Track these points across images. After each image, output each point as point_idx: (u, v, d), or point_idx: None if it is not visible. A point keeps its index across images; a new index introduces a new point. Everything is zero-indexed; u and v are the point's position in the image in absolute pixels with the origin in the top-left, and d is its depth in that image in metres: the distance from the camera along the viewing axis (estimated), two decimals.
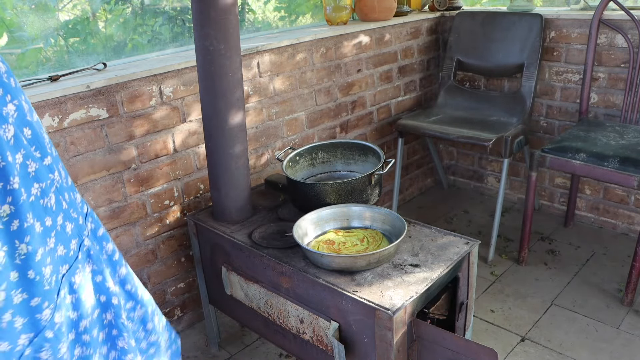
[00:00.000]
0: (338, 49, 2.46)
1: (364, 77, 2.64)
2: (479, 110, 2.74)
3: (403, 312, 1.30)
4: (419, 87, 2.99)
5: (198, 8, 1.53)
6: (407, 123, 2.63)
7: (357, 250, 1.50)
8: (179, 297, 2.11)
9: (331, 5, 2.53)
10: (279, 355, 1.99)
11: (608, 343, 1.95)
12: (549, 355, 1.92)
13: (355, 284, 1.39)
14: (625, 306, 2.14)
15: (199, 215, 1.84)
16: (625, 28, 2.37)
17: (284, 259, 1.53)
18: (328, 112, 2.51)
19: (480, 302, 2.21)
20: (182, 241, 2.06)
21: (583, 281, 2.32)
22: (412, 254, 1.51)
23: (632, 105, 2.39)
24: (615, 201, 2.67)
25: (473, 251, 1.53)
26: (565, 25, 2.58)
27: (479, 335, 2.02)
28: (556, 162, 2.21)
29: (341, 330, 1.41)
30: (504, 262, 2.49)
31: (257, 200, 1.90)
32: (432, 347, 1.35)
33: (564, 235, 2.69)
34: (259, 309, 1.65)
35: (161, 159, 1.92)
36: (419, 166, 3.19)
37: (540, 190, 2.92)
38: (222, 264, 1.74)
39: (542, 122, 2.80)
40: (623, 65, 2.45)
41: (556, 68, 2.66)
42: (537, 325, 2.07)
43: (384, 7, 2.61)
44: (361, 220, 1.63)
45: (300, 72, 2.32)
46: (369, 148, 1.86)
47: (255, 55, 2.12)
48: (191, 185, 2.04)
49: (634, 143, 2.16)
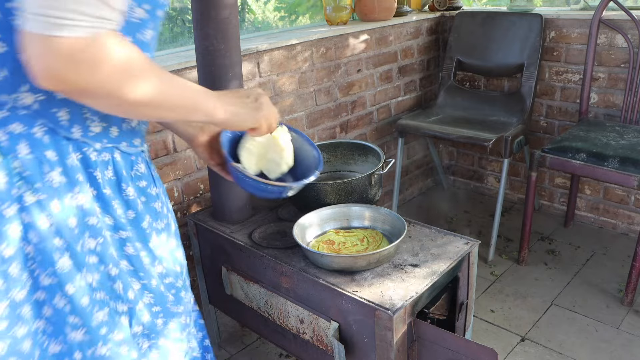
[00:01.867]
0: (338, 49, 2.46)
1: (364, 77, 2.64)
2: (479, 110, 2.74)
3: (403, 312, 1.30)
4: (419, 87, 2.99)
5: (198, 8, 1.53)
6: (407, 123, 2.63)
7: (357, 250, 1.50)
8: None
9: (331, 5, 2.53)
10: (279, 355, 1.99)
11: (608, 343, 1.95)
12: (549, 355, 1.92)
13: (355, 284, 1.39)
14: (625, 306, 2.14)
15: (199, 215, 1.84)
16: (625, 28, 2.37)
17: (284, 259, 1.53)
18: (328, 112, 2.51)
19: (480, 302, 2.21)
20: (182, 241, 2.06)
21: (583, 281, 2.32)
22: (412, 254, 1.51)
23: (632, 105, 2.39)
24: (615, 201, 2.67)
25: (473, 251, 1.53)
26: (565, 25, 2.58)
27: (479, 335, 2.02)
28: (556, 162, 2.21)
29: (341, 330, 1.41)
30: (504, 262, 2.48)
31: (257, 201, 1.90)
32: (432, 347, 1.35)
33: (564, 235, 2.69)
34: (259, 309, 1.65)
35: (161, 159, 1.92)
36: (419, 166, 3.19)
37: (540, 190, 2.92)
38: (222, 264, 1.74)
39: (542, 122, 2.80)
40: (623, 65, 2.45)
41: (556, 68, 2.66)
42: (537, 325, 2.07)
43: (384, 7, 2.61)
44: (361, 220, 1.63)
45: (300, 72, 2.32)
46: (369, 148, 1.86)
47: (255, 55, 2.12)
48: (191, 185, 2.04)
49: (634, 143, 2.16)
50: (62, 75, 0.64)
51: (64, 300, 0.81)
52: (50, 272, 0.79)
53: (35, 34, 0.62)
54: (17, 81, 0.74)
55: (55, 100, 0.76)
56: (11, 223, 0.75)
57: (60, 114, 0.77)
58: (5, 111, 0.74)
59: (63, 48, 0.62)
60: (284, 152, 1.10)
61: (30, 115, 0.75)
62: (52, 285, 0.80)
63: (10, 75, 0.73)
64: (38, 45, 0.63)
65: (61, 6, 0.61)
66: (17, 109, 0.75)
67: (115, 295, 0.87)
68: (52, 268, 0.79)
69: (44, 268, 0.79)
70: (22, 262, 0.77)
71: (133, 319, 0.91)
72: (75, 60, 0.64)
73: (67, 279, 0.80)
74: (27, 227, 0.76)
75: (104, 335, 0.86)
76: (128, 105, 0.72)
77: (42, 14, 0.61)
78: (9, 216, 0.75)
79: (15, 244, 0.76)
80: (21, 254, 0.77)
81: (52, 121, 0.77)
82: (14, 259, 0.76)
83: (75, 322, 0.83)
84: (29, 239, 0.77)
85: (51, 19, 0.61)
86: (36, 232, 0.76)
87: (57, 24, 0.61)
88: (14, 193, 0.75)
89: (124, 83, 0.69)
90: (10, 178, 0.74)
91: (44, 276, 0.79)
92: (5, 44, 0.72)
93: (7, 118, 0.74)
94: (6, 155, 0.74)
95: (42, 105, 0.76)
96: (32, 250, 0.77)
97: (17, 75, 0.73)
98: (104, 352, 0.86)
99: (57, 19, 0.61)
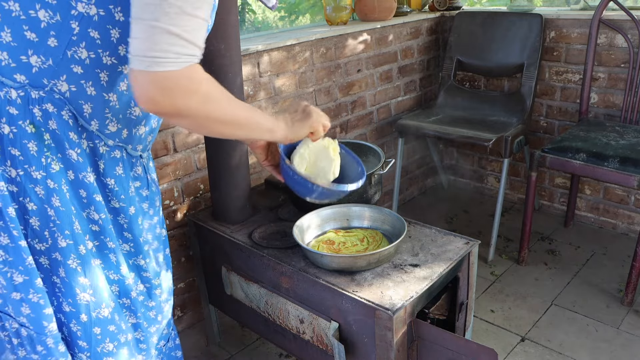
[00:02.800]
0: (338, 49, 2.46)
1: (364, 77, 2.64)
2: (479, 110, 2.74)
3: (403, 312, 1.30)
4: (419, 87, 2.99)
5: None
6: (407, 123, 2.63)
7: (357, 250, 1.50)
8: (179, 297, 2.11)
9: (331, 5, 2.53)
10: (279, 355, 1.99)
11: (608, 343, 1.95)
12: (549, 355, 1.92)
13: (355, 284, 1.39)
14: (625, 306, 2.14)
15: (199, 215, 1.84)
16: (625, 28, 2.37)
17: (284, 259, 1.53)
18: (328, 112, 2.51)
19: (480, 302, 2.21)
20: (182, 241, 2.06)
21: (583, 281, 2.32)
22: (412, 254, 1.51)
23: (632, 105, 2.39)
24: (615, 201, 2.67)
25: (473, 251, 1.53)
26: (565, 25, 2.58)
27: (479, 335, 2.02)
28: (556, 162, 2.21)
29: (341, 330, 1.41)
30: (504, 262, 2.48)
31: (257, 200, 1.90)
32: (432, 347, 1.35)
33: (564, 235, 2.69)
34: (259, 309, 1.65)
35: (161, 159, 1.92)
36: (419, 166, 3.19)
37: (540, 190, 2.92)
38: (222, 264, 1.74)
39: (542, 122, 2.80)
40: (623, 65, 2.45)
41: (556, 68, 2.66)
42: (537, 325, 2.07)
43: (384, 7, 2.61)
44: (361, 220, 1.63)
45: (300, 72, 2.32)
46: (369, 148, 1.86)
47: (255, 55, 2.12)
48: (191, 185, 2.04)
49: (634, 143, 2.16)
50: (159, 100, 0.81)
51: (76, 262, 0.98)
52: (67, 235, 0.95)
53: (139, 70, 0.79)
54: (58, 71, 0.89)
55: (84, 94, 0.92)
56: (37, 185, 0.92)
57: (85, 106, 0.93)
58: (43, 92, 0.90)
59: (160, 80, 0.79)
60: (333, 162, 1.22)
61: (62, 100, 0.91)
62: (68, 245, 0.96)
63: (54, 65, 0.89)
64: (142, 79, 0.80)
65: (157, 48, 0.78)
66: (53, 92, 0.90)
67: (110, 265, 1.04)
68: (69, 230, 0.95)
69: (62, 230, 0.95)
70: (42, 221, 0.94)
71: (132, 289, 1.08)
72: (170, 88, 0.81)
73: (80, 241, 0.97)
74: (51, 192, 0.93)
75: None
76: (208, 124, 0.90)
77: (144, 55, 0.78)
78: (37, 178, 0.92)
79: (39, 204, 0.93)
80: (44, 213, 0.93)
81: (77, 110, 0.92)
82: (35, 213, 0.93)
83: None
84: (51, 202, 0.93)
85: (150, 58, 0.78)
86: (59, 196, 0.93)
87: (155, 62, 0.78)
88: (43, 161, 0.91)
89: (206, 106, 0.87)
90: (40, 147, 0.91)
91: (61, 238, 0.95)
92: (57, 40, 0.87)
93: (43, 98, 0.90)
94: (39, 127, 0.90)
95: (72, 95, 0.91)
96: (53, 214, 0.93)
97: (60, 66, 0.89)
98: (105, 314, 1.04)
99: (154, 58, 0.78)
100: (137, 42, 0.79)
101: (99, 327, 1.02)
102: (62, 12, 0.86)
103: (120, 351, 1.06)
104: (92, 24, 0.87)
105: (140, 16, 0.78)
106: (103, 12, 0.87)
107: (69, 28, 0.87)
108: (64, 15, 0.86)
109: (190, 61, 0.82)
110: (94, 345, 1.02)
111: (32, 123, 0.90)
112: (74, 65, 0.89)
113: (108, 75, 0.92)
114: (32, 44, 0.87)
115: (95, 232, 1.00)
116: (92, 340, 1.02)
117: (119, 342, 1.05)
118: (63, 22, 0.86)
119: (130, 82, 0.84)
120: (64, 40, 0.87)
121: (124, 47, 0.90)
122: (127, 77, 0.93)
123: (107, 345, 1.04)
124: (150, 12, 0.77)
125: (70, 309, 0.99)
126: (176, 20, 0.78)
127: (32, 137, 0.90)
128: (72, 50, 0.88)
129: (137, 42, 0.79)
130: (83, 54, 0.88)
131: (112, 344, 1.04)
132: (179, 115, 0.85)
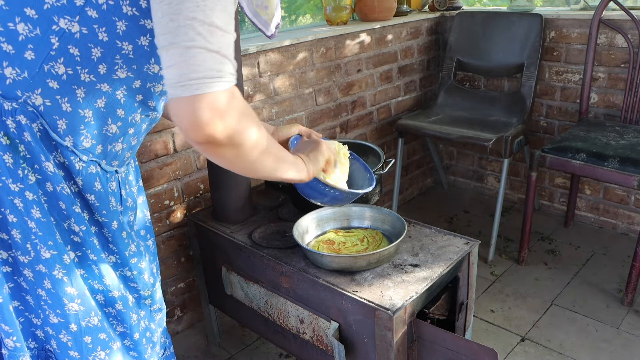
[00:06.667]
0: (338, 49, 2.46)
1: (364, 77, 2.64)
2: (479, 110, 2.74)
3: (403, 312, 1.30)
4: (419, 87, 2.99)
5: None
6: (407, 123, 2.63)
7: (357, 250, 1.50)
8: (179, 297, 2.11)
9: (331, 5, 2.53)
10: (279, 355, 1.99)
11: (608, 343, 1.95)
12: (549, 355, 1.92)
13: (355, 284, 1.39)
14: (625, 306, 2.14)
15: (199, 215, 1.84)
16: (625, 28, 2.37)
17: (284, 259, 1.53)
18: (328, 112, 2.51)
19: (480, 302, 2.21)
20: (182, 241, 2.06)
21: (583, 281, 2.32)
22: (412, 254, 1.51)
23: (632, 105, 2.39)
24: (615, 201, 2.67)
25: (473, 251, 1.53)
26: (565, 25, 2.58)
27: (479, 335, 2.02)
28: (556, 162, 2.21)
29: (341, 330, 1.41)
30: (504, 262, 2.49)
31: (257, 200, 1.90)
32: (432, 347, 1.35)
33: (564, 235, 2.69)
34: (259, 309, 1.65)
35: (161, 159, 1.92)
36: (419, 166, 3.19)
37: (540, 190, 2.92)
38: (222, 264, 1.74)
39: (542, 122, 2.80)
40: (623, 65, 2.45)
41: (556, 68, 2.66)
42: (537, 325, 2.07)
43: (384, 7, 2.61)
44: (361, 220, 1.63)
45: (301, 72, 2.32)
46: (369, 148, 1.86)
47: (255, 55, 2.12)
48: (191, 185, 2.04)
49: (634, 143, 2.16)
50: (214, 125, 0.76)
51: (62, 272, 0.96)
52: (50, 246, 0.93)
53: (184, 97, 0.74)
54: (33, 84, 0.87)
55: (59, 110, 0.89)
56: (16, 197, 0.90)
57: (59, 122, 0.90)
58: (16, 104, 0.87)
59: (212, 102, 0.75)
60: (343, 167, 1.26)
61: (35, 113, 0.88)
62: (52, 256, 0.94)
63: (29, 78, 0.86)
64: (189, 106, 0.75)
65: (200, 69, 0.74)
66: (26, 104, 0.87)
67: (93, 275, 1.02)
68: (52, 241, 0.93)
69: (45, 242, 0.93)
70: (23, 233, 0.92)
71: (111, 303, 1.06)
72: (225, 111, 0.76)
73: (63, 251, 0.95)
74: (30, 204, 0.91)
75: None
76: (254, 153, 0.86)
77: (187, 79, 0.74)
78: (15, 190, 0.90)
79: (19, 216, 0.91)
80: (24, 225, 0.92)
81: (50, 125, 0.89)
82: (16, 225, 0.92)
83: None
84: (31, 214, 0.91)
85: (195, 81, 0.74)
86: (39, 207, 0.92)
87: (202, 84, 0.74)
88: (20, 173, 0.89)
89: (260, 131, 0.85)
90: (16, 159, 0.89)
91: (44, 250, 0.93)
92: (34, 54, 0.85)
93: (16, 109, 0.87)
94: (14, 139, 0.88)
95: (47, 109, 0.88)
96: (34, 226, 0.92)
97: (35, 80, 0.86)
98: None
99: (200, 79, 0.74)
100: (174, 69, 0.75)
101: (89, 336, 1.00)
102: (43, 27, 0.84)
103: (113, 359, 1.05)
104: (73, 41, 0.85)
105: (171, 41, 0.74)
106: (86, 30, 0.84)
107: (48, 42, 0.85)
108: (44, 29, 0.84)
109: (234, 80, 0.78)
110: (85, 354, 1.01)
111: (6, 135, 0.87)
112: (50, 79, 0.86)
113: (85, 92, 0.89)
114: (7, 55, 0.85)
115: (77, 243, 0.98)
116: (84, 350, 1.00)
117: (111, 350, 1.04)
118: (43, 36, 0.84)
119: (174, 115, 0.78)
120: (42, 54, 0.85)
121: (104, 66, 0.87)
122: (105, 94, 0.90)
123: (99, 353, 1.02)
124: (183, 34, 0.73)
125: (59, 319, 0.97)
126: (211, 38, 0.75)
127: (7, 149, 0.88)
128: (50, 65, 0.85)
129: (174, 69, 0.75)
130: (60, 69, 0.86)
131: (103, 352, 1.03)
132: (231, 143, 0.80)
